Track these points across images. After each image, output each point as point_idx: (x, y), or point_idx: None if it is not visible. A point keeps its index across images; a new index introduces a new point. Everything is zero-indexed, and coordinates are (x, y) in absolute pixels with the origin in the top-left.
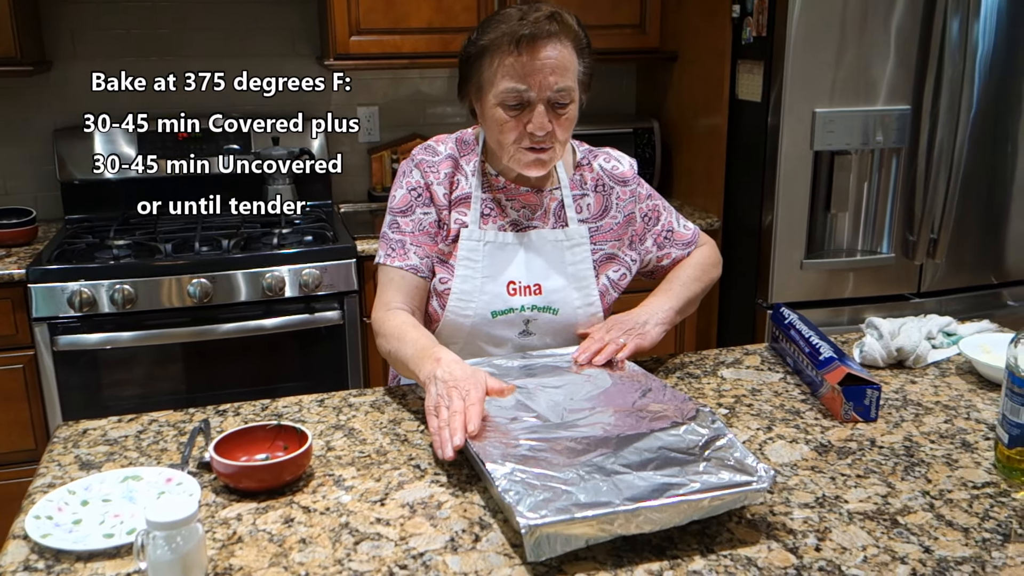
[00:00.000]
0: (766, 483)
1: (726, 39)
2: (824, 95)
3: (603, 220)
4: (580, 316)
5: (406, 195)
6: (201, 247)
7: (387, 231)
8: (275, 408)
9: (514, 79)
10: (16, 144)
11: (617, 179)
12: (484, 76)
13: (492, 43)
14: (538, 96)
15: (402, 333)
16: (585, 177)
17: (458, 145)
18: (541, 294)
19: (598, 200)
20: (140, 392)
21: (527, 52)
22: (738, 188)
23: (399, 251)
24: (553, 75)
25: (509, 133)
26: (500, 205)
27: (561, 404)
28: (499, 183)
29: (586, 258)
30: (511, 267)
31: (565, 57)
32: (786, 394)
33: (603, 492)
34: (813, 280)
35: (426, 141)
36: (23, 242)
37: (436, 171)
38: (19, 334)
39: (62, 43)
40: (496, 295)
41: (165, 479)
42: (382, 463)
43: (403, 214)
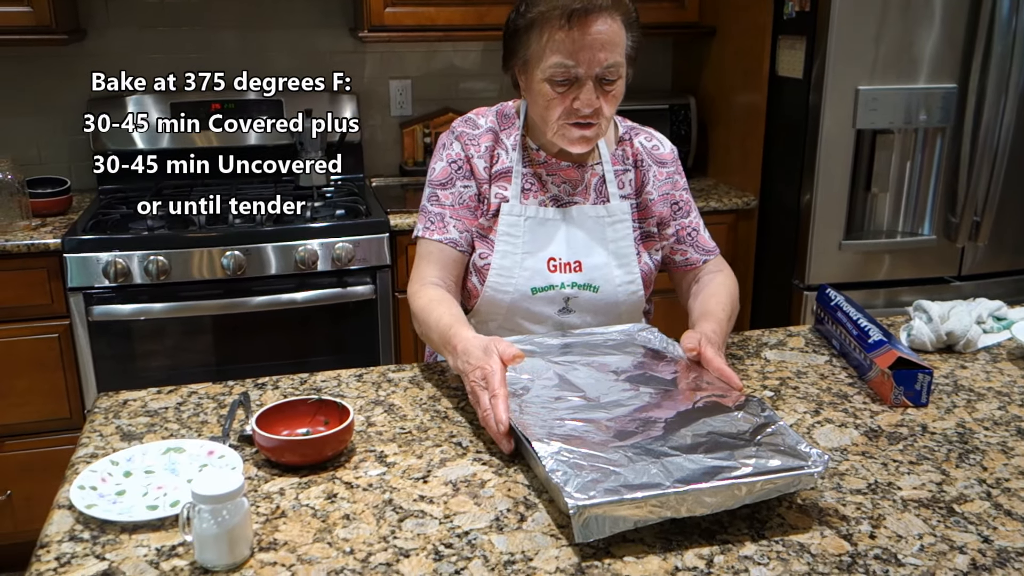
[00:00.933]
0: (820, 467)
1: (767, 14)
2: (867, 72)
3: (640, 197)
4: (621, 294)
5: (446, 167)
6: (234, 220)
7: (426, 204)
8: (314, 382)
9: (563, 55)
10: (51, 113)
11: (656, 159)
12: (532, 50)
13: (541, 16)
14: (587, 73)
15: (427, 315)
16: (627, 152)
17: (499, 118)
18: (582, 271)
19: (638, 176)
20: (172, 363)
21: (578, 27)
22: (776, 167)
23: (438, 224)
24: (603, 51)
25: (555, 109)
26: (541, 180)
27: (605, 383)
28: (540, 157)
29: (628, 235)
30: (552, 243)
31: (615, 32)
32: (832, 377)
33: (652, 474)
34: (851, 261)
35: (466, 114)
36: (58, 212)
37: (477, 144)
38: (54, 303)
39: (97, 11)
40: (536, 271)
41: (207, 452)
42: (423, 440)
43: (443, 187)
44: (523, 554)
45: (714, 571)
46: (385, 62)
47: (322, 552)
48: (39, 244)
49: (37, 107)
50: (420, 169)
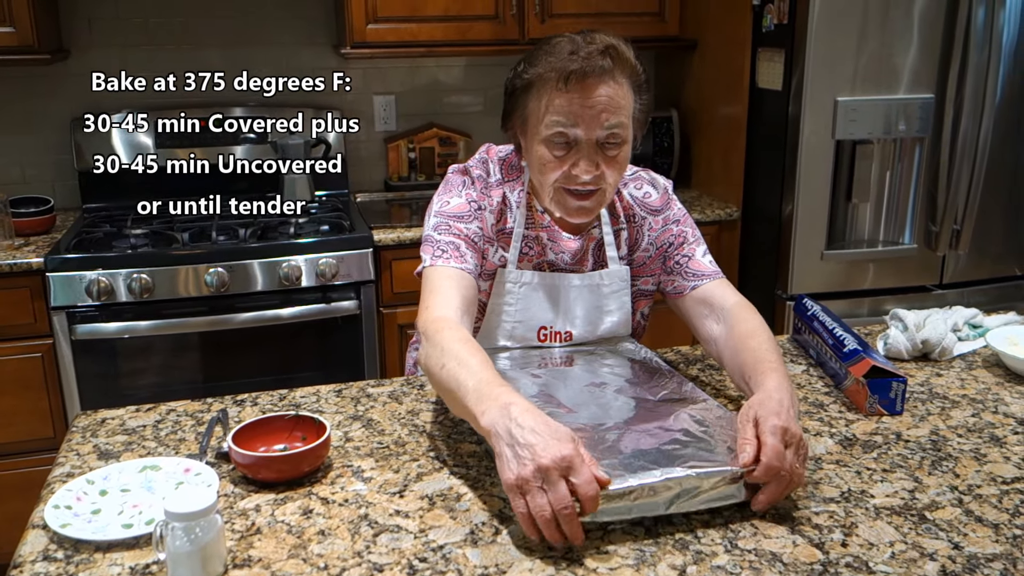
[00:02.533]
0: None
1: (746, 27)
2: (846, 83)
3: (635, 254)
4: (611, 343)
5: (464, 204)
6: (218, 236)
7: (434, 234)
8: (293, 398)
9: (561, 117)
10: (34, 133)
11: (648, 209)
12: (529, 110)
13: (539, 77)
14: (586, 137)
15: (462, 354)
16: (617, 209)
17: (504, 171)
18: (571, 340)
19: (631, 232)
20: (158, 381)
21: (577, 90)
22: (758, 178)
23: (452, 251)
24: (604, 113)
25: (552, 174)
26: (541, 244)
27: (586, 396)
28: (543, 221)
29: (625, 303)
30: (544, 312)
31: (619, 96)
32: (809, 386)
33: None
34: (833, 271)
35: (476, 156)
36: (41, 231)
37: (490, 197)
38: (38, 323)
39: (79, 31)
40: (524, 339)
41: (184, 469)
42: (400, 454)
43: (459, 220)
44: (497, 567)
45: None
46: (369, 78)
47: (296, 568)
48: (22, 263)
49: (20, 127)
50: (405, 185)
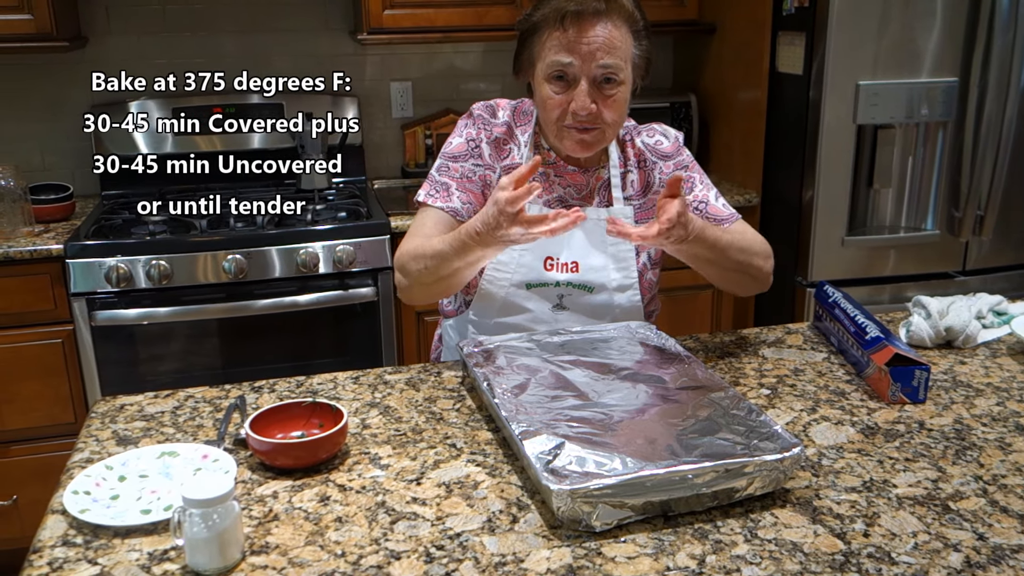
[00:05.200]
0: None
1: (766, 10)
2: (868, 67)
3: (646, 196)
4: (616, 296)
5: (463, 143)
6: (236, 224)
7: (434, 173)
8: (310, 385)
9: (559, 53)
10: (54, 120)
11: (660, 154)
12: (534, 51)
13: (542, 19)
14: (582, 72)
15: (425, 247)
16: (628, 154)
17: (515, 115)
18: (578, 271)
19: (641, 176)
20: (177, 367)
21: (573, 27)
22: (778, 163)
23: (442, 192)
24: (599, 52)
25: (553, 110)
26: (548, 180)
27: (602, 382)
28: (550, 158)
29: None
30: (551, 243)
31: (615, 37)
32: (830, 374)
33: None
34: (854, 257)
35: (488, 101)
36: (61, 218)
37: (489, 131)
38: (58, 309)
39: (97, 18)
40: (532, 267)
41: (201, 455)
42: (418, 441)
43: (455, 159)
44: (514, 555)
45: (706, 571)
46: (385, 64)
47: (313, 555)
48: (42, 250)
49: (39, 114)
50: (422, 171)
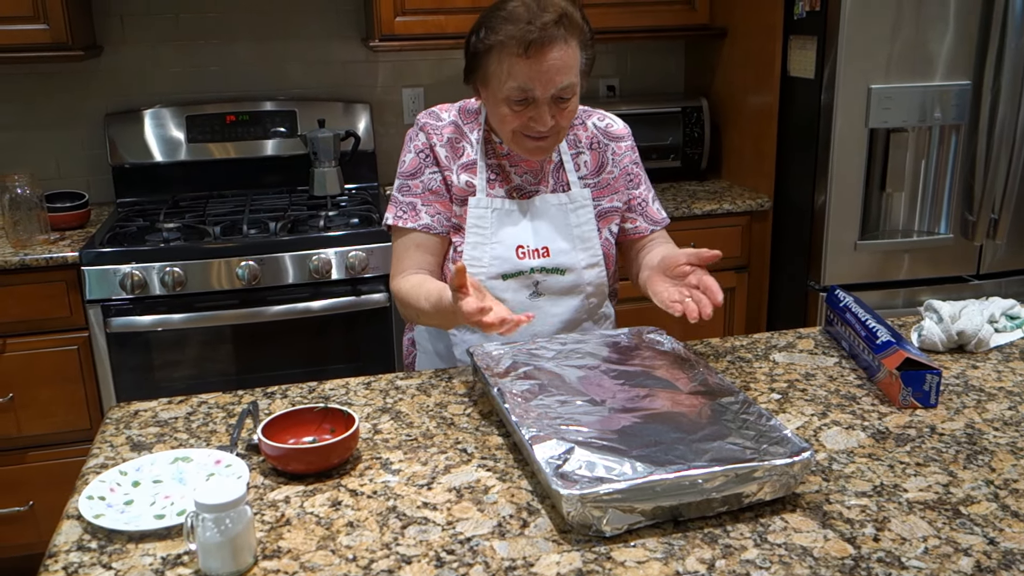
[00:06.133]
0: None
1: (777, 14)
2: (880, 71)
3: (600, 176)
4: (586, 275)
5: (414, 158)
6: (249, 230)
7: (397, 194)
8: (322, 391)
9: (521, 80)
10: (69, 128)
11: (612, 136)
12: (491, 71)
13: (500, 44)
14: (542, 95)
15: (416, 295)
16: (579, 136)
17: (461, 114)
18: (549, 256)
19: (594, 157)
20: (191, 372)
21: (534, 56)
22: (790, 167)
23: (410, 213)
24: (559, 75)
25: (511, 124)
26: (504, 171)
27: (612, 387)
28: (503, 151)
29: (590, 219)
30: (519, 231)
31: (570, 55)
32: (841, 379)
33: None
34: (867, 262)
35: (430, 108)
36: (76, 225)
37: (439, 133)
38: (73, 315)
39: (112, 28)
40: (505, 259)
41: (214, 461)
42: (429, 447)
43: (412, 176)
44: (524, 560)
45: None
46: (397, 70)
47: (325, 560)
48: (57, 257)
49: (55, 122)
50: None
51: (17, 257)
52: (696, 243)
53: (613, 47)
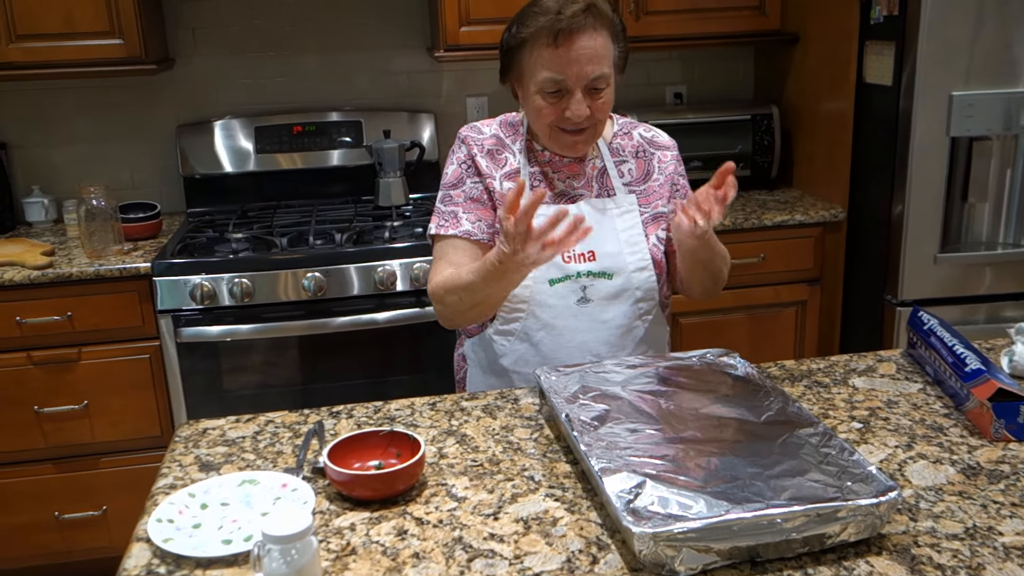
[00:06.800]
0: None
1: (853, 19)
2: (961, 77)
3: (646, 184)
4: (635, 279)
5: (456, 169)
6: (315, 241)
7: (439, 205)
8: (387, 411)
9: (552, 70)
10: (142, 139)
11: (658, 145)
12: (524, 66)
13: (531, 36)
14: (575, 84)
15: (456, 279)
16: (624, 145)
17: (502, 127)
18: (595, 260)
19: (639, 165)
20: (257, 382)
21: (564, 44)
22: (865, 177)
23: (452, 220)
24: (589, 64)
25: (547, 118)
26: (547, 177)
27: (684, 415)
28: (545, 157)
29: (636, 223)
30: None
31: (600, 45)
32: (926, 407)
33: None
34: (948, 275)
35: (472, 123)
36: (148, 235)
37: (480, 145)
38: (145, 325)
39: (184, 40)
40: (552, 264)
41: (281, 484)
42: (495, 473)
43: (453, 187)
44: None
45: None
46: (461, 80)
47: None
48: (130, 268)
49: (129, 134)
50: None
51: (92, 268)
52: (765, 255)
53: (679, 54)
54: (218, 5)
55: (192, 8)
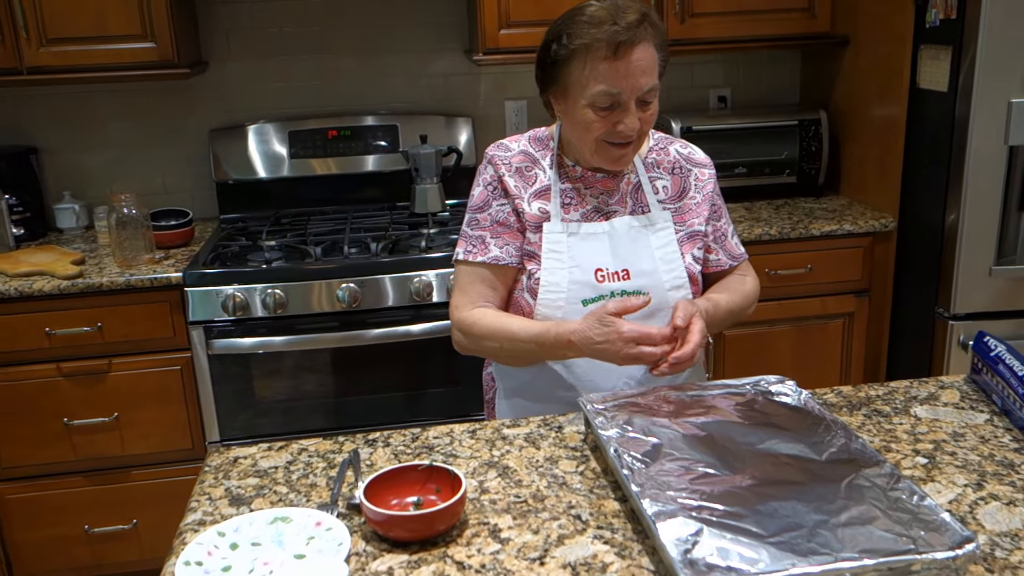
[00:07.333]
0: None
1: (907, 22)
2: (1021, 84)
3: (682, 201)
4: (671, 298)
5: (483, 191)
6: (350, 250)
7: (466, 228)
8: (425, 439)
9: (608, 83)
10: (175, 144)
11: (695, 163)
12: (574, 78)
13: (585, 47)
14: (630, 97)
15: (499, 326)
16: (660, 160)
17: (532, 142)
18: (630, 279)
19: (675, 182)
20: (291, 395)
21: (623, 57)
22: (917, 185)
23: (479, 246)
24: (644, 76)
25: (596, 131)
26: (580, 193)
27: (741, 450)
28: (576, 173)
29: (671, 241)
30: (597, 254)
31: (652, 56)
32: (995, 440)
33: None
34: (1003, 288)
35: (499, 141)
36: (180, 243)
37: (508, 164)
38: (177, 336)
39: (217, 44)
40: (585, 283)
41: (315, 523)
42: (540, 511)
43: (480, 210)
44: None
45: None
46: (499, 83)
47: None
48: (161, 278)
49: (161, 138)
50: None
51: (123, 277)
52: (813, 266)
53: (723, 56)
54: (252, 7)
55: (226, 11)
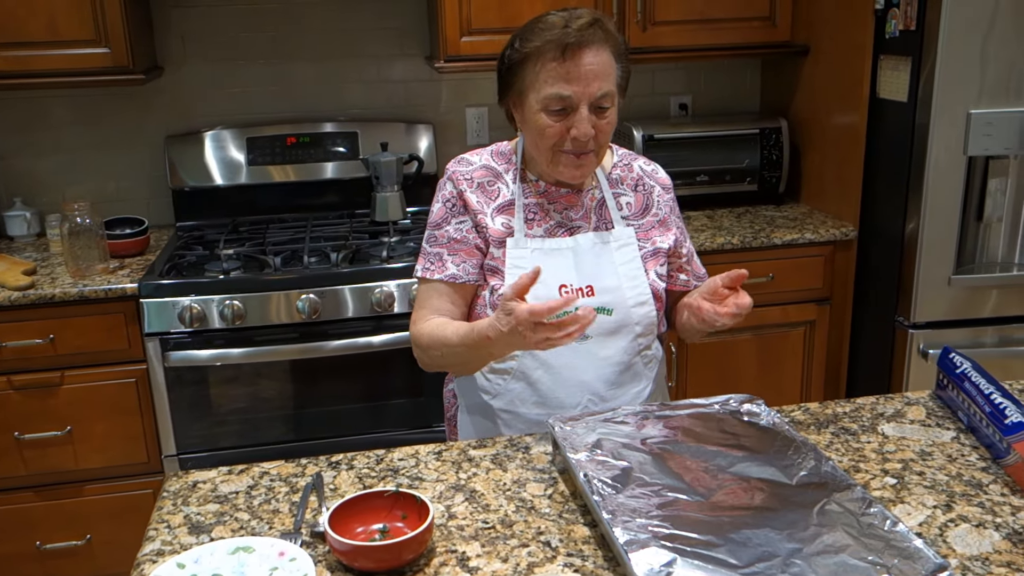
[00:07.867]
0: None
1: (867, 32)
2: (979, 94)
3: (645, 218)
4: (635, 314)
5: (441, 208)
6: (309, 259)
7: (425, 245)
8: (390, 461)
9: (558, 85)
10: (130, 150)
11: (658, 181)
12: (527, 81)
13: (536, 50)
14: (581, 100)
15: (440, 335)
16: (623, 177)
17: (494, 156)
18: (594, 295)
19: (638, 199)
20: (249, 407)
21: (571, 58)
22: (877, 194)
23: (437, 263)
24: (596, 80)
25: (550, 138)
26: (543, 208)
27: (710, 474)
28: (540, 188)
29: (635, 257)
30: (561, 271)
31: (606, 62)
32: (962, 459)
33: None
34: (962, 297)
35: (460, 155)
36: (135, 252)
37: (469, 179)
38: (132, 348)
39: (173, 48)
40: (548, 299)
41: (278, 552)
42: (508, 537)
43: (438, 227)
44: None
45: None
46: (460, 90)
47: None
48: (116, 289)
49: (115, 144)
50: None
51: (76, 288)
52: (774, 274)
53: (684, 64)
54: (208, 11)
55: (181, 15)
